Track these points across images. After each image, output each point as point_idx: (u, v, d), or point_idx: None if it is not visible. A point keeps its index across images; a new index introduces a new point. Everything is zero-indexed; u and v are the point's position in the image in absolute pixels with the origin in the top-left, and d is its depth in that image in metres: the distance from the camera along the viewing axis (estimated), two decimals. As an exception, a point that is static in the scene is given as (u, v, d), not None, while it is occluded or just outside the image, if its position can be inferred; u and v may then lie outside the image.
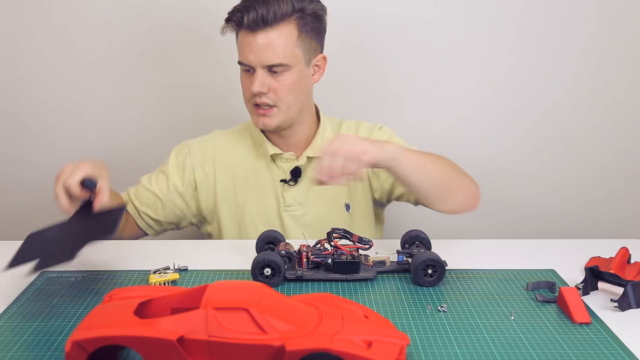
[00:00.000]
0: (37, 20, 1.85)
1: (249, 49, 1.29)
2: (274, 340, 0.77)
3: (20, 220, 2.02)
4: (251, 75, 1.33)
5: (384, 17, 1.87)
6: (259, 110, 1.35)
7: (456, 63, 1.91)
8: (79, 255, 0.99)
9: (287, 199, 1.43)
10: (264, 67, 1.30)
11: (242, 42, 1.31)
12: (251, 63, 1.30)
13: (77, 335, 0.78)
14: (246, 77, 1.34)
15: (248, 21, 1.27)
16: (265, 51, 1.29)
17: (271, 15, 1.27)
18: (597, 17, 1.88)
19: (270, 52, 1.29)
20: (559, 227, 2.05)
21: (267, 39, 1.28)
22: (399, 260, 1.16)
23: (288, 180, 1.42)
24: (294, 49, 1.31)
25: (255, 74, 1.31)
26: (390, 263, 1.16)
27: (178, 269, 1.15)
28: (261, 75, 1.31)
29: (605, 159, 2.01)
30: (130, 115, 1.94)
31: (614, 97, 1.96)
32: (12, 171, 1.98)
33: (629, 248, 1.19)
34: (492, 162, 1.98)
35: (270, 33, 1.28)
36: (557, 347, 0.90)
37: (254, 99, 1.34)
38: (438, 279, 1.10)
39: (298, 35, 1.31)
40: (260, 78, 1.31)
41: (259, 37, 1.28)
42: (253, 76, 1.32)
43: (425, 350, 0.89)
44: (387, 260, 1.17)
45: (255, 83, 1.31)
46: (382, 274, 1.15)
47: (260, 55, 1.29)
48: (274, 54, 1.29)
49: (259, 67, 1.30)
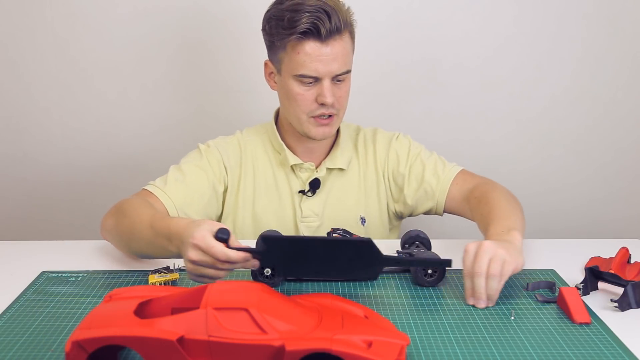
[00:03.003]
0: (37, 21, 1.85)
1: (319, 60, 1.25)
2: (274, 340, 0.77)
3: (21, 220, 2.02)
4: (311, 87, 1.28)
5: (383, 17, 1.87)
6: (321, 121, 1.31)
7: (456, 63, 1.91)
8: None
9: (304, 210, 1.40)
10: (331, 77, 1.27)
11: (309, 54, 1.24)
12: (320, 74, 1.26)
13: (77, 335, 0.78)
14: (305, 89, 1.28)
15: (325, 31, 1.22)
16: (335, 61, 1.26)
17: (342, 23, 1.24)
18: (597, 17, 1.88)
19: (340, 61, 1.26)
20: (559, 227, 2.05)
21: (337, 48, 1.25)
22: None
23: (306, 192, 1.41)
24: (351, 54, 1.31)
25: (323, 85, 1.27)
26: None
27: (178, 269, 1.15)
28: (329, 85, 1.27)
29: (605, 158, 2.01)
30: (130, 115, 1.94)
31: (613, 96, 1.96)
32: (12, 171, 1.98)
33: (629, 248, 1.19)
34: (491, 162, 1.98)
35: (339, 42, 1.25)
36: (557, 347, 0.90)
37: (318, 110, 1.30)
38: (438, 279, 1.10)
39: (352, 40, 1.31)
40: (330, 89, 1.27)
41: (331, 47, 1.24)
42: (315, 88, 1.28)
43: (425, 350, 0.89)
44: None
45: (327, 95, 1.27)
46: (383, 274, 1.15)
47: (331, 65, 1.26)
48: (343, 63, 1.27)
49: (327, 78, 1.27)
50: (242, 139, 1.44)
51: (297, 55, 1.25)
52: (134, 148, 1.96)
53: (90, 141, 1.96)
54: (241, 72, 1.90)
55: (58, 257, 1.23)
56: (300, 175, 1.41)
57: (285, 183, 1.42)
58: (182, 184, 1.32)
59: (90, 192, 2.00)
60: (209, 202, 1.37)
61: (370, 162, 1.45)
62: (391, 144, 1.45)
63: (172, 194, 1.30)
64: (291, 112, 1.33)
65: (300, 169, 1.41)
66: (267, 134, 1.44)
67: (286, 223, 1.41)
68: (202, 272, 0.99)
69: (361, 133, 1.48)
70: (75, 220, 2.02)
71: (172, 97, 1.93)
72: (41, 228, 2.02)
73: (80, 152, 1.97)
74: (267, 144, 1.44)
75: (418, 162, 1.43)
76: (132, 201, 1.24)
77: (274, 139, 1.42)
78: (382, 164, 1.45)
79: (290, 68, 1.28)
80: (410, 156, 1.44)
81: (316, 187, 1.40)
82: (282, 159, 1.41)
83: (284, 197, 1.42)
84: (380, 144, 1.46)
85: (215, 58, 1.89)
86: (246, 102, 1.92)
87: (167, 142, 1.95)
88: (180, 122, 1.94)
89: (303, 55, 1.25)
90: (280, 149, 1.40)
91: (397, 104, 1.95)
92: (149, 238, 1.11)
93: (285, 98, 1.33)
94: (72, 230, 2.02)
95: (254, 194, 1.41)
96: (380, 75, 1.91)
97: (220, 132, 1.48)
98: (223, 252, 0.96)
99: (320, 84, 1.27)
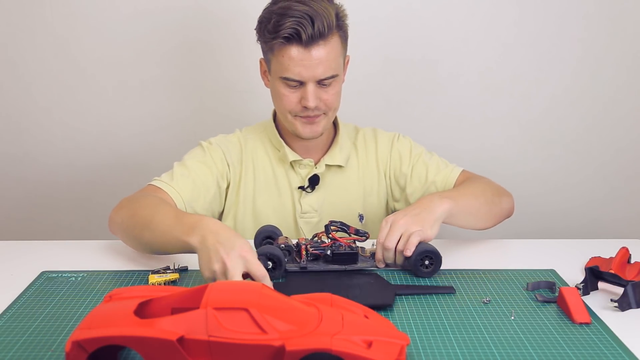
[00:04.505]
0: (37, 21, 1.85)
1: (302, 65, 1.25)
2: (274, 340, 0.77)
3: (21, 220, 2.02)
4: (296, 89, 1.30)
5: (383, 17, 1.87)
6: (306, 120, 1.33)
7: (456, 63, 1.91)
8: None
9: (303, 206, 1.42)
10: (315, 80, 1.28)
11: (293, 58, 1.25)
12: (303, 78, 1.27)
13: (77, 335, 0.78)
14: (290, 91, 1.30)
15: (306, 37, 1.23)
16: (319, 66, 1.26)
17: (326, 29, 1.24)
18: (597, 17, 1.88)
19: (324, 66, 1.26)
20: (559, 227, 2.05)
21: (321, 53, 1.25)
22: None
23: (305, 187, 1.42)
24: (339, 58, 1.31)
25: (307, 89, 1.28)
26: None
27: (178, 269, 1.15)
28: (313, 89, 1.28)
29: (605, 158, 2.01)
30: (131, 114, 1.94)
31: (613, 96, 1.96)
32: (12, 171, 1.98)
33: (629, 248, 1.19)
34: (491, 162, 1.98)
35: (323, 47, 1.25)
36: (557, 347, 0.90)
37: (302, 112, 1.31)
38: (434, 270, 1.13)
39: (341, 44, 1.31)
40: (314, 92, 1.28)
41: (314, 52, 1.25)
42: (300, 90, 1.29)
43: (425, 350, 0.89)
44: None
45: (310, 99, 1.28)
46: (381, 269, 1.18)
47: (315, 70, 1.26)
48: (328, 68, 1.27)
49: (310, 82, 1.28)
50: (242, 137, 1.46)
51: (282, 58, 1.27)
52: (134, 147, 1.97)
53: (90, 141, 1.96)
54: (241, 71, 1.90)
55: (58, 257, 1.23)
56: (300, 171, 1.43)
57: (284, 179, 1.43)
58: (188, 179, 1.33)
59: (91, 192, 2.00)
60: (214, 198, 1.39)
61: (371, 159, 1.46)
62: (393, 144, 1.47)
63: (180, 189, 1.31)
64: (279, 110, 1.36)
65: (300, 165, 1.42)
66: (266, 131, 1.45)
67: (286, 218, 1.43)
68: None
69: (360, 132, 1.49)
70: (76, 220, 2.02)
71: (173, 96, 1.93)
72: (41, 228, 2.02)
73: (80, 152, 1.97)
74: (266, 142, 1.45)
75: (420, 162, 1.44)
76: (145, 194, 1.26)
77: (273, 136, 1.43)
78: (384, 162, 1.46)
79: (277, 70, 1.29)
80: (413, 156, 1.45)
81: (315, 183, 1.41)
82: (281, 156, 1.43)
83: (284, 193, 1.43)
84: (382, 142, 1.47)
85: (215, 57, 1.89)
86: (246, 101, 1.92)
87: (167, 142, 1.95)
88: (181, 121, 1.95)
89: (287, 59, 1.26)
90: (279, 146, 1.42)
91: (397, 104, 1.95)
92: (167, 228, 1.10)
93: (275, 97, 1.36)
94: (72, 230, 2.02)
95: (254, 191, 1.43)
96: (380, 75, 1.91)
97: (220, 130, 1.49)
98: (261, 273, 0.99)
99: (304, 87, 1.29)
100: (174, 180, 1.32)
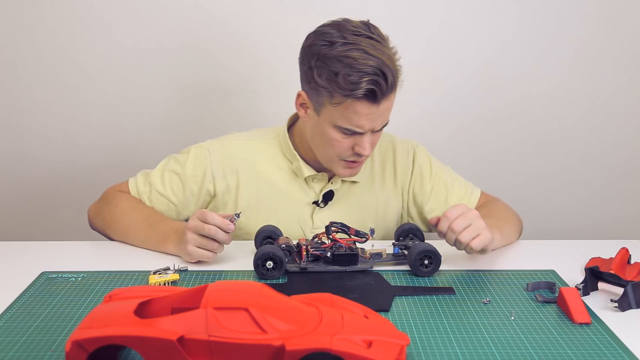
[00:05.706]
0: (37, 21, 1.85)
1: (367, 118, 1.19)
2: (274, 340, 0.77)
3: (21, 220, 2.02)
4: (350, 136, 1.23)
5: (383, 17, 1.87)
6: (352, 165, 1.29)
7: (456, 63, 1.91)
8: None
9: (315, 221, 1.37)
10: (373, 130, 1.24)
11: (360, 112, 1.18)
12: (364, 130, 1.21)
13: (77, 335, 0.78)
14: (343, 137, 1.23)
15: (380, 95, 1.17)
16: (381, 117, 1.22)
17: (396, 81, 1.20)
18: (597, 17, 1.88)
19: (385, 116, 1.23)
20: (559, 227, 2.05)
21: (388, 105, 1.21)
22: (395, 252, 1.19)
23: (319, 203, 1.37)
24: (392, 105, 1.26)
25: (364, 139, 1.23)
26: (386, 255, 1.19)
27: (178, 269, 1.15)
28: (370, 137, 1.24)
29: (605, 158, 2.01)
30: (130, 115, 1.94)
31: (614, 96, 1.96)
32: (12, 171, 1.98)
33: (629, 248, 1.19)
34: (492, 162, 1.98)
35: (389, 99, 1.21)
36: (557, 347, 0.90)
37: (352, 157, 1.26)
38: (434, 269, 1.13)
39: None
40: (370, 140, 1.24)
41: (382, 106, 1.19)
42: (354, 137, 1.23)
43: (425, 350, 0.89)
44: (383, 252, 1.20)
45: (367, 147, 1.23)
46: (380, 262, 1.19)
47: (377, 121, 1.21)
48: (386, 117, 1.24)
49: (368, 132, 1.23)
50: (240, 143, 1.39)
51: (346, 110, 1.19)
52: (134, 147, 1.97)
53: (90, 141, 1.96)
54: (241, 72, 1.90)
55: (58, 257, 1.23)
56: (313, 185, 1.38)
57: (296, 193, 1.37)
58: (163, 197, 1.37)
59: (91, 192, 1.99)
60: (189, 209, 1.38)
61: (389, 174, 1.42)
62: (415, 160, 1.42)
63: (156, 205, 1.38)
64: (322, 151, 1.29)
65: (313, 179, 1.37)
66: (279, 139, 1.39)
67: (293, 233, 1.34)
68: (201, 242, 1.15)
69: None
70: (76, 220, 2.02)
71: (173, 96, 1.93)
72: (41, 228, 2.02)
73: (80, 152, 1.97)
74: (276, 151, 1.38)
75: (441, 183, 1.42)
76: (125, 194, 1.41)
77: (286, 147, 1.36)
78: (402, 178, 1.42)
79: (333, 117, 1.21)
80: (433, 175, 1.42)
81: (329, 199, 1.37)
82: (293, 168, 1.37)
83: (295, 207, 1.37)
84: (401, 154, 1.42)
85: (215, 58, 1.89)
86: (246, 102, 1.92)
87: (167, 141, 1.95)
88: (181, 121, 1.95)
89: (352, 112, 1.19)
90: (293, 159, 1.36)
91: (397, 104, 1.94)
92: (142, 241, 1.28)
93: (319, 137, 1.27)
94: (73, 230, 2.02)
95: (257, 202, 1.37)
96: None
97: (220, 131, 1.48)
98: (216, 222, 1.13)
99: (360, 135, 1.23)
100: (152, 193, 1.38)
